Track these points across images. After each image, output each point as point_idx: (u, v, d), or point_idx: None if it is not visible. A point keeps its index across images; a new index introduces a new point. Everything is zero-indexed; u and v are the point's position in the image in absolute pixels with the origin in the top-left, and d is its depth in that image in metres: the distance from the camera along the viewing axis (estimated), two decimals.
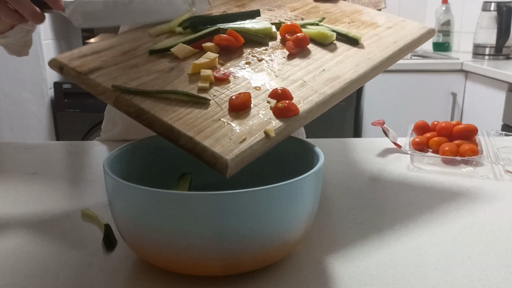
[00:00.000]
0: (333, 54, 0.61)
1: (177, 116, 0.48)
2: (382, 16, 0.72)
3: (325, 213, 0.59)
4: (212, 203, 0.39)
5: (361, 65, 0.59)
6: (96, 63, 0.56)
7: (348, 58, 0.60)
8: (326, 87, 0.54)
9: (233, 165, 0.43)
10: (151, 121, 0.48)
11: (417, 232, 0.55)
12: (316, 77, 0.56)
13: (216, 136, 0.46)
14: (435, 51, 2.70)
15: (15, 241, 0.53)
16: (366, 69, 0.58)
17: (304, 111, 0.50)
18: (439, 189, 0.68)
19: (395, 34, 0.66)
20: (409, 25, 0.69)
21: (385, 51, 0.62)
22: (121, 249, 0.50)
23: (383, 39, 0.65)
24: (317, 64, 0.58)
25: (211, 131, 0.46)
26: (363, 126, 2.37)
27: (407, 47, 0.64)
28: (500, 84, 2.04)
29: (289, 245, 0.45)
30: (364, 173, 0.74)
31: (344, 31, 0.64)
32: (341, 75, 0.56)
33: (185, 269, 0.43)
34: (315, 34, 0.63)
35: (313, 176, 0.44)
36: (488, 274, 0.46)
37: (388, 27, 0.68)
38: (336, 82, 0.55)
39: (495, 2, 2.35)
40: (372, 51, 0.62)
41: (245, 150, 0.44)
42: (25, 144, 0.91)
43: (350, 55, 0.61)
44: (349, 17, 0.71)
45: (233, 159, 0.43)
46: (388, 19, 0.71)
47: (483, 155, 0.76)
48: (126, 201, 0.42)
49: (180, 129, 0.46)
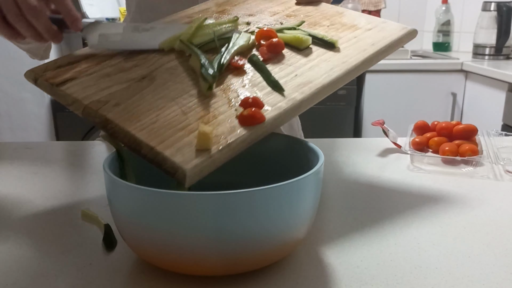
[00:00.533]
0: (308, 58, 0.60)
1: (141, 126, 0.48)
2: (363, 18, 0.71)
3: (325, 213, 0.59)
4: (211, 203, 0.39)
5: (335, 69, 0.58)
6: (69, 74, 0.56)
7: (323, 63, 0.59)
8: (296, 93, 0.53)
9: (192, 174, 0.43)
10: (116, 131, 0.49)
11: (417, 232, 0.55)
12: (288, 83, 0.55)
13: (178, 145, 0.45)
14: (435, 51, 2.70)
15: (15, 241, 0.53)
16: (339, 74, 0.57)
17: (271, 117, 0.50)
18: (439, 189, 0.68)
19: (374, 36, 0.65)
20: (389, 26, 0.68)
21: (361, 54, 0.61)
22: (121, 249, 0.50)
23: (361, 42, 0.64)
24: (290, 70, 0.58)
25: (173, 141, 0.46)
26: (363, 126, 2.37)
27: (385, 49, 0.63)
28: (500, 84, 2.04)
29: (289, 245, 0.45)
30: (364, 173, 0.74)
31: (320, 35, 0.63)
32: (313, 80, 0.55)
33: (185, 269, 0.43)
34: (290, 39, 0.62)
35: (313, 176, 0.44)
36: (488, 274, 0.46)
37: (368, 29, 0.67)
38: (307, 87, 0.54)
39: (495, 2, 2.35)
40: (348, 54, 0.61)
41: (205, 159, 0.44)
42: (25, 144, 0.91)
43: (325, 59, 0.60)
44: (329, 20, 0.70)
45: (192, 169, 0.43)
46: (369, 20, 0.70)
47: (483, 155, 0.76)
48: (126, 201, 0.42)
49: (142, 139, 0.46)
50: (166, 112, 0.50)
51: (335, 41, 0.62)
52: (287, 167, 0.54)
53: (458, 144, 0.79)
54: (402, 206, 0.62)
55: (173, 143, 0.46)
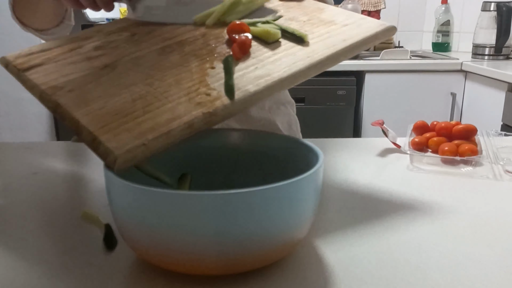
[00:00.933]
0: (274, 52, 0.59)
1: (87, 111, 0.49)
2: (343, 14, 0.70)
3: (325, 213, 0.60)
4: (211, 203, 0.39)
5: (298, 63, 0.57)
6: (38, 60, 0.57)
7: (287, 56, 0.59)
8: (250, 85, 0.53)
9: (122, 161, 0.43)
10: (63, 115, 0.49)
11: (417, 232, 0.55)
12: (246, 75, 0.54)
13: (116, 131, 0.46)
14: (435, 51, 2.70)
15: (15, 241, 0.53)
16: (301, 68, 0.56)
17: (218, 108, 0.49)
18: (438, 189, 0.68)
19: (348, 32, 0.64)
20: (367, 23, 0.66)
21: (329, 49, 0.60)
22: (121, 249, 0.50)
23: (333, 37, 0.63)
24: (253, 62, 0.57)
25: (114, 127, 0.46)
26: (363, 126, 2.37)
27: (357, 45, 0.62)
28: (499, 84, 2.04)
29: (289, 245, 0.45)
30: (363, 173, 0.74)
31: (290, 28, 0.63)
32: (271, 73, 0.55)
33: (184, 269, 0.43)
34: (259, 32, 0.62)
35: (313, 176, 0.44)
36: (488, 274, 0.46)
37: (344, 25, 0.66)
38: (263, 80, 0.54)
39: (495, 2, 2.35)
40: (315, 49, 0.60)
41: (139, 145, 0.44)
42: (25, 144, 0.91)
43: (291, 53, 0.59)
44: (308, 15, 0.70)
45: (122, 154, 0.43)
46: (348, 17, 0.69)
47: (483, 155, 0.76)
48: (126, 201, 0.42)
49: (84, 124, 0.47)
50: (115, 99, 0.50)
51: (304, 35, 0.61)
52: (287, 167, 0.54)
53: (457, 144, 0.79)
54: (402, 206, 0.62)
55: (112, 129, 0.46)
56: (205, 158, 0.59)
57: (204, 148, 0.59)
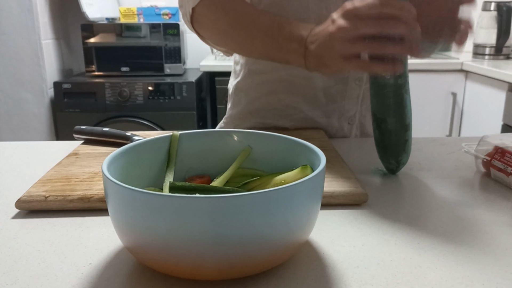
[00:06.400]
0: None
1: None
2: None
3: (325, 213, 0.59)
4: (209, 207, 0.38)
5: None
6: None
7: None
8: None
9: None
10: None
11: (417, 232, 0.55)
12: None
13: None
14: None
15: (15, 240, 0.53)
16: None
17: None
18: (438, 188, 0.68)
19: None
20: None
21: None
22: (121, 249, 0.50)
23: None
24: None
25: None
26: None
27: None
28: (500, 84, 2.04)
29: (290, 250, 0.44)
30: (363, 173, 0.74)
31: None
32: None
33: (183, 273, 0.42)
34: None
35: (315, 178, 0.43)
36: (488, 274, 0.46)
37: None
38: None
39: (495, 2, 2.35)
40: None
41: None
42: (25, 144, 0.91)
43: None
44: None
45: None
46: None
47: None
48: (123, 204, 0.41)
49: None
50: None
51: None
52: (288, 169, 0.53)
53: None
54: (402, 206, 0.62)
55: None
56: (205, 158, 0.58)
57: (204, 148, 0.58)
